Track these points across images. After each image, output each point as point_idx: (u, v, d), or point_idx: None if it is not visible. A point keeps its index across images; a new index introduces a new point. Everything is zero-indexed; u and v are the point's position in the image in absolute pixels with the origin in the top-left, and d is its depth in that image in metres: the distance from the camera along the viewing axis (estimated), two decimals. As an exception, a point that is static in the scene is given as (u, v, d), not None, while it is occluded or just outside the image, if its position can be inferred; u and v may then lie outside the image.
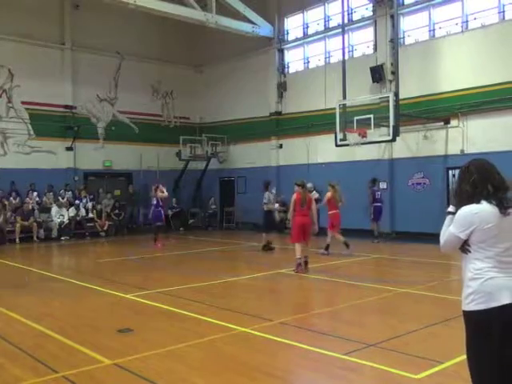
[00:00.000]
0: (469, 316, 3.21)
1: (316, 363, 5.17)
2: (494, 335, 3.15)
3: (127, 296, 8.40)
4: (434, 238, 14.46)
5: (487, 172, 3.29)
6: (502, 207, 3.18)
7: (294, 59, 20.62)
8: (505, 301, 3.11)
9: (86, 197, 19.40)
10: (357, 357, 5.19)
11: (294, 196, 10.81)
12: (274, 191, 18.45)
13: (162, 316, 7.16)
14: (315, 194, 17.58)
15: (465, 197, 3.26)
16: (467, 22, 15.37)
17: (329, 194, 13.43)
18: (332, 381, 4.85)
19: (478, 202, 3.21)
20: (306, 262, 10.69)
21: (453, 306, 7.30)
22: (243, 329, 6.29)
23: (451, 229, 3.24)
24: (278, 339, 5.90)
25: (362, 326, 6.53)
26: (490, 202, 3.20)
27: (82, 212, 18.72)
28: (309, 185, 17.06)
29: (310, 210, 10.71)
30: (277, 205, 19.87)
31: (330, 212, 13.37)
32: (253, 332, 6.18)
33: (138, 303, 7.97)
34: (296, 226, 10.62)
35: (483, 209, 3.18)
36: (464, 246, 3.25)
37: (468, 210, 3.22)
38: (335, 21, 18.67)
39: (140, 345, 5.75)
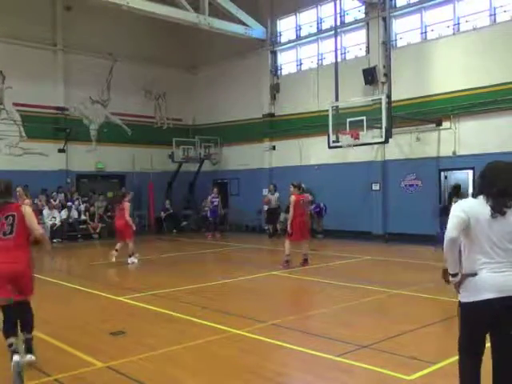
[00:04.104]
0: (461, 307, 3.40)
1: (309, 365, 5.17)
2: (480, 327, 3.32)
3: (120, 298, 8.37)
4: (426, 239, 14.53)
5: (496, 172, 3.45)
6: (494, 211, 3.30)
7: (287, 61, 20.64)
8: (493, 295, 3.24)
9: (78, 199, 19.32)
10: (350, 358, 5.21)
11: (294, 197, 11.16)
12: (277, 194, 18.52)
13: (155, 318, 7.14)
14: (309, 196, 17.65)
15: (478, 189, 3.52)
16: (459, 24, 15.46)
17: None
18: (325, 382, 4.85)
19: (476, 196, 3.42)
20: (305, 260, 11.35)
21: (445, 307, 7.33)
22: (236, 331, 6.29)
23: (450, 215, 3.41)
24: (271, 341, 5.91)
25: (354, 327, 6.54)
26: (486, 201, 3.34)
27: (75, 214, 18.63)
28: (302, 185, 17.26)
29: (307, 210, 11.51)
30: (266, 206, 19.96)
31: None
32: (246, 334, 6.18)
33: (131, 305, 7.95)
34: (298, 225, 11.04)
35: (474, 206, 3.33)
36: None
37: (464, 201, 3.49)
38: (328, 23, 18.71)
39: (133, 347, 5.73)
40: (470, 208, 3.34)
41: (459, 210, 3.37)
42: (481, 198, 3.38)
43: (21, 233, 4.95)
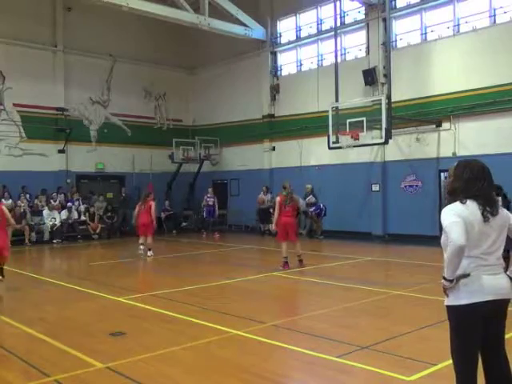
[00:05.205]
0: (451, 311, 3.34)
1: (309, 365, 5.17)
2: (477, 329, 3.29)
3: (120, 299, 8.37)
4: (426, 240, 14.53)
5: (481, 174, 3.38)
6: (485, 214, 3.27)
7: (287, 62, 20.64)
8: (486, 297, 3.24)
9: (78, 199, 19.31)
10: (350, 359, 5.20)
11: (278, 198, 11.49)
12: (269, 195, 18.72)
13: (154, 319, 7.14)
14: (312, 198, 17.67)
15: (458, 192, 3.36)
16: (459, 25, 15.47)
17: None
18: (325, 383, 4.85)
19: (462, 200, 3.31)
20: (300, 261, 11.41)
21: (445, 307, 7.33)
22: (236, 331, 6.29)
23: (448, 222, 3.27)
24: (271, 342, 5.91)
25: (354, 328, 6.54)
26: (477, 204, 3.28)
27: (75, 215, 18.62)
28: (308, 185, 17.45)
29: (294, 211, 11.43)
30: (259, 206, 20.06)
31: None
32: (245, 334, 6.18)
33: (131, 306, 7.95)
34: (280, 225, 11.30)
35: (465, 210, 3.28)
36: None
37: (453, 206, 3.35)
38: (328, 24, 18.72)
39: (132, 348, 5.73)
40: (463, 212, 3.25)
41: (454, 214, 3.24)
42: (469, 202, 3.29)
43: (3, 221, 8.33)
